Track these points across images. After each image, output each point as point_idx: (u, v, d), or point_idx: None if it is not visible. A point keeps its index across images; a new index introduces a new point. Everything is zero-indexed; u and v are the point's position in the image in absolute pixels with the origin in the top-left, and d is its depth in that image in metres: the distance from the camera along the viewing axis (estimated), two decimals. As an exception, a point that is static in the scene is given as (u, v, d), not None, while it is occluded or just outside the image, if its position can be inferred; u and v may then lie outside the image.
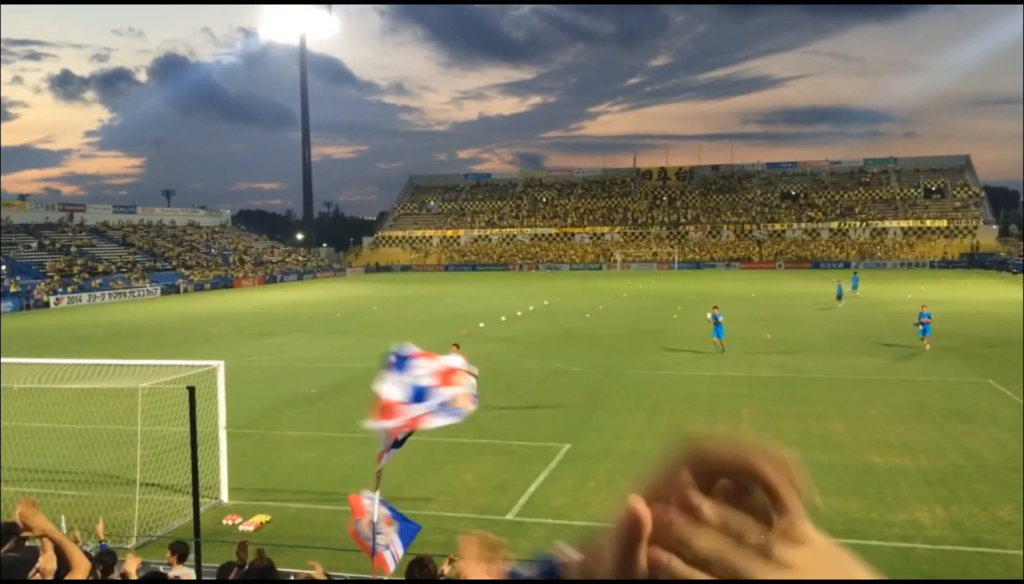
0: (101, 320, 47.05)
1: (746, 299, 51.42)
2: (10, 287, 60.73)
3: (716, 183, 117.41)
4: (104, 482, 14.58)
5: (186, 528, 11.72)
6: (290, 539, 11.73)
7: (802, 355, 28.17)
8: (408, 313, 46.21)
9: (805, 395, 21.63)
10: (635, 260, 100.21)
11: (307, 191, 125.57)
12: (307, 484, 14.74)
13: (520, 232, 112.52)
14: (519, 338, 34.02)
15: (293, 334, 37.34)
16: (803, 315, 41.36)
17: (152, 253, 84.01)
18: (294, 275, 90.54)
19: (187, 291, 73.02)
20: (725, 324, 29.60)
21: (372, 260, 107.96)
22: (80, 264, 72.19)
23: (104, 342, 34.94)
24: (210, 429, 13.44)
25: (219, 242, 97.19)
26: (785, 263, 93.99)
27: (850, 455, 15.90)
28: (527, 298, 53.92)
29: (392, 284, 77.06)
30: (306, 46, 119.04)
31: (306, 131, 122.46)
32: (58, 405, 18.31)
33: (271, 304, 56.13)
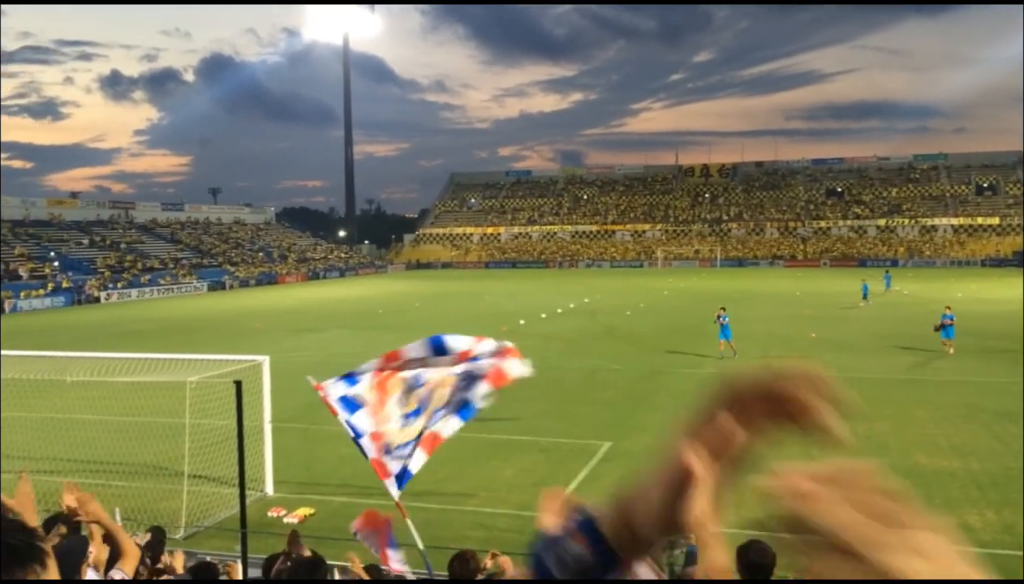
0: (150, 315, 48.07)
1: (790, 297, 50.75)
2: (62, 282, 62.35)
3: (759, 180, 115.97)
4: (153, 473, 14.92)
5: (232, 519, 11.94)
6: (333, 532, 11.87)
7: (847, 354, 27.72)
8: (449, 310, 46.44)
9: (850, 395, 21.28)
10: (676, 258, 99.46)
11: (349, 189, 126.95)
12: (349, 478, 14.91)
13: (561, 229, 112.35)
14: (559, 335, 33.99)
15: (335, 330, 37.76)
16: (849, 314, 40.69)
17: (199, 250, 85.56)
18: (336, 272, 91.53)
19: (232, 287, 74.26)
20: (757, 323, 29.23)
21: (413, 257, 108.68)
22: (130, 260, 73.83)
23: (153, 337, 35.70)
24: (255, 423, 13.67)
25: (263, 239, 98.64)
26: (830, 261, 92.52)
27: (896, 457, 15.63)
28: (567, 295, 53.84)
29: (433, 281, 77.49)
30: (349, 45, 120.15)
31: (349, 129, 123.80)
32: (109, 398, 18.78)
33: (314, 300, 56.82)
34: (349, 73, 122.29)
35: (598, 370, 25.76)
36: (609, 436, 17.44)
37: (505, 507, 13.10)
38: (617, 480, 12.16)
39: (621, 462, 15.51)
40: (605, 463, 15.62)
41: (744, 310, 43.51)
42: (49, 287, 60.41)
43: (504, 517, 12.67)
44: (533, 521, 9.00)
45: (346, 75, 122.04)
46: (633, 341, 32.37)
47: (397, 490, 6.52)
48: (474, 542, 9.98)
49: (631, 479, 0.92)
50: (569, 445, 17.04)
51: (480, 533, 11.42)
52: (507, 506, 13.15)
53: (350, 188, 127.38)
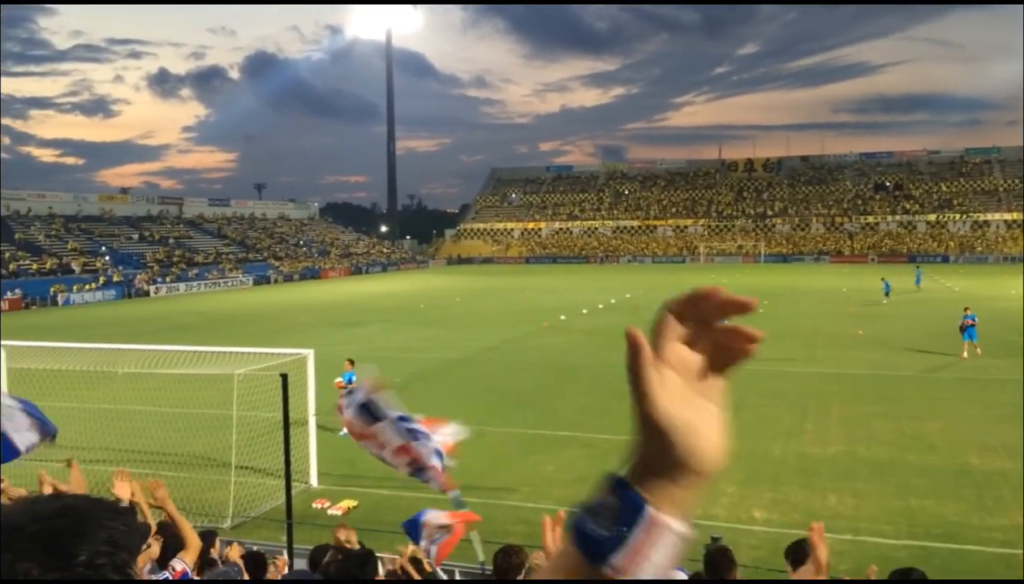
0: (197, 309, 48.98)
1: (836, 294, 49.92)
2: (113, 277, 63.79)
3: (805, 174, 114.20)
4: (201, 464, 15.20)
5: (278, 510, 12.13)
6: (376, 524, 11.98)
7: (896, 352, 27.19)
8: (489, 305, 46.55)
9: (898, 393, 20.90)
10: (719, 253, 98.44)
11: (391, 184, 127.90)
12: (391, 471, 14.98)
13: (602, 225, 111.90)
14: (600, 331, 33.87)
15: (378, 324, 38.08)
16: (897, 311, 39.90)
17: (244, 245, 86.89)
18: (378, 267, 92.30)
19: (277, 282, 75.30)
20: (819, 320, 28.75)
21: (454, 252, 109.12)
22: (178, 255, 75.26)
23: (200, 330, 36.36)
24: (300, 415, 13.84)
25: (307, 234, 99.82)
26: (878, 257, 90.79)
27: (946, 456, 15.30)
28: (608, 291, 53.61)
29: (473, 276, 77.72)
30: (391, 41, 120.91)
31: (391, 125, 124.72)
32: (159, 389, 19.20)
33: (356, 295, 57.37)
34: (392, 69, 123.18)
35: (640, 366, 25.60)
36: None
37: (547, 502, 13.08)
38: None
39: (663, 459, 15.41)
40: (647, 460, 15.53)
41: (788, 307, 42.89)
42: (100, 281, 61.85)
43: (546, 512, 12.67)
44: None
45: (389, 71, 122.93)
46: (675, 337, 32.08)
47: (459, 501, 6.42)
48: (517, 537, 9.99)
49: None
50: (611, 441, 16.97)
51: (522, 528, 11.43)
52: (549, 501, 13.14)
53: (392, 183, 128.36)
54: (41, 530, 0.92)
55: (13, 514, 0.93)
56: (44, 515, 0.93)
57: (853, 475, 14.41)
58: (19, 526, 0.91)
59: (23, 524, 0.92)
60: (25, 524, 0.92)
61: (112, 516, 0.98)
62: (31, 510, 0.94)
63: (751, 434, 16.26)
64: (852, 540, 11.38)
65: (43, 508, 0.95)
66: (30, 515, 0.93)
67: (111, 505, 1.00)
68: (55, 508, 0.95)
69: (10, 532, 0.91)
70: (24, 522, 0.92)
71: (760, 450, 15.42)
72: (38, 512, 0.94)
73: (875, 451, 15.92)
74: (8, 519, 0.93)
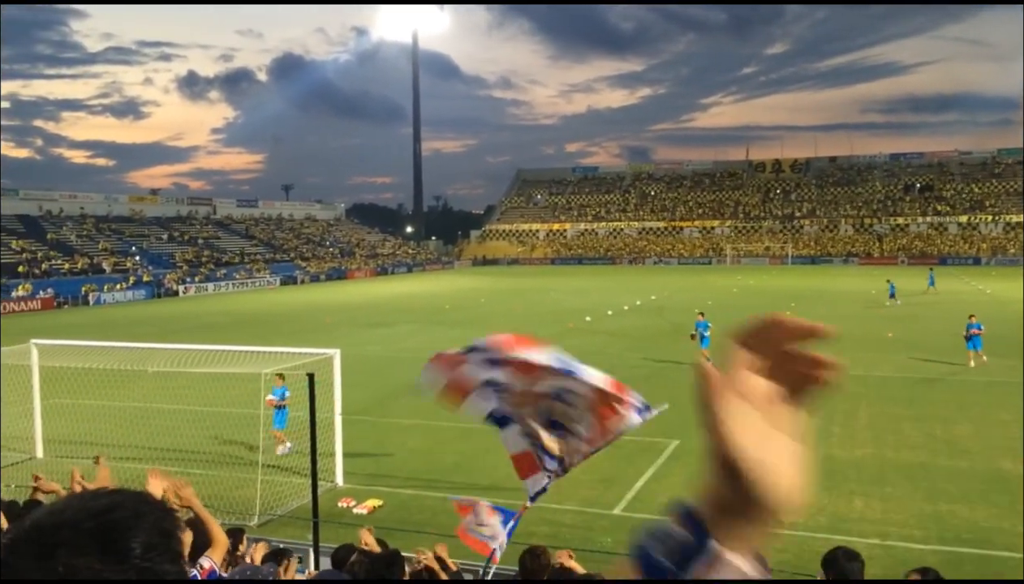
0: (225, 308, 49.48)
1: (865, 296, 49.36)
2: (143, 276, 64.65)
3: (834, 175, 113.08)
4: (229, 462, 15.35)
5: (304, 509, 12.21)
6: (401, 524, 12.03)
7: (926, 354, 26.83)
8: (514, 306, 46.57)
9: (928, 396, 20.63)
10: (746, 255, 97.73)
11: (417, 185, 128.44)
12: (417, 471, 15.09)
13: (627, 226, 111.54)
14: (626, 332, 33.77)
15: (403, 325, 38.24)
16: (928, 313, 39.37)
17: (272, 245, 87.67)
18: (404, 267, 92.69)
19: (304, 282, 75.87)
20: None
21: (479, 253, 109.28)
22: (206, 255, 76.10)
23: (228, 329, 36.72)
24: (326, 415, 13.93)
25: (334, 235, 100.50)
26: (908, 259, 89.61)
27: (978, 461, 15.07)
28: (634, 292, 53.43)
29: (499, 277, 77.81)
30: (418, 43, 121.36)
31: (417, 127, 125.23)
32: (187, 388, 19.41)
33: (382, 295, 57.66)
34: (418, 70, 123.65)
35: (665, 367, 25.50)
36: (676, 434, 17.22)
37: (571, 503, 13.07)
38: (685, 479, 11.92)
39: (688, 461, 15.32)
40: (672, 461, 15.46)
41: (816, 308, 42.49)
42: (131, 281, 62.70)
43: (570, 513, 12.66)
44: (599, 518, 8.98)
45: (415, 72, 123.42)
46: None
47: (531, 500, 6.00)
48: (540, 538, 9.99)
49: None
50: (635, 442, 16.89)
51: (546, 528, 11.43)
52: (573, 502, 13.12)
53: (418, 184, 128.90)
54: (98, 525, 0.93)
55: (68, 510, 0.94)
56: (98, 510, 0.95)
57: (881, 479, 14.24)
58: (76, 522, 0.93)
59: (79, 520, 0.93)
60: (81, 520, 0.93)
61: (159, 509, 1.00)
62: (85, 506, 0.95)
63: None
64: (880, 545, 11.25)
65: (96, 503, 0.96)
66: (84, 511, 0.94)
67: (156, 499, 1.02)
68: (107, 503, 0.96)
69: (68, 528, 0.92)
70: (80, 518, 0.93)
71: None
72: (91, 507, 0.95)
73: (904, 455, 15.73)
74: (63, 516, 0.93)
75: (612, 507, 13.04)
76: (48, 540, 0.91)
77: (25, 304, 52.67)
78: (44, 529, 0.92)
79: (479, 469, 14.36)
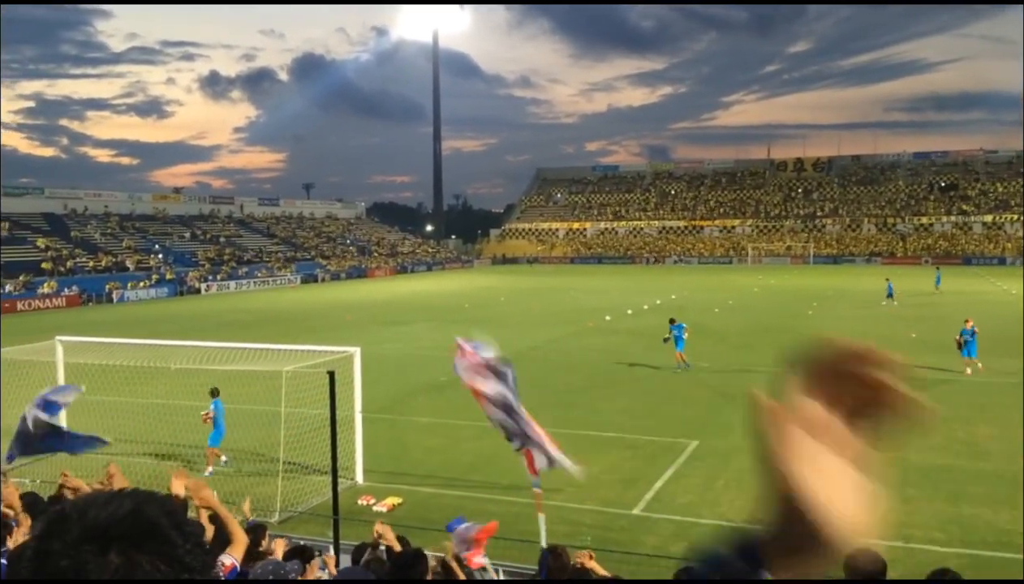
0: (247, 306, 49.84)
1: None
2: (166, 274, 65.24)
3: (857, 174, 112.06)
4: (250, 459, 15.49)
5: (324, 506, 12.29)
6: (420, 522, 12.08)
7: (949, 355, 26.50)
8: (534, 305, 46.56)
9: (950, 398, 20.40)
10: (767, 254, 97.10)
11: (437, 184, 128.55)
12: (436, 469, 15.14)
13: (647, 225, 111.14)
14: (646, 332, 33.65)
15: (423, 323, 38.33)
16: (952, 313, 38.91)
17: (293, 243, 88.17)
18: (424, 266, 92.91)
19: (324, 280, 76.25)
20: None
21: (499, 252, 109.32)
22: (228, 253, 76.67)
23: (249, 327, 36.98)
24: (346, 413, 14.01)
25: (354, 233, 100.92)
26: (932, 258, 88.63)
27: (1000, 463, 14.90)
28: (654, 292, 53.25)
29: (518, 276, 77.80)
30: (438, 42, 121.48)
31: (437, 125, 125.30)
32: (209, 385, 19.56)
33: (402, 294, 57.83)
34: (438, 70, 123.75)
35: (684, 367, 25.39)
36: (696, 434, 17.19)
37: (591, 503, 13.07)
38: (705, 480, 11.86)
39: (709, 461, 15.26)
40: (693, 461, 15.41)
41: (838, 308, 42.17)
42: (154, 279, 63.31)
43: (590, 513, 12.65)
44: (618, 518, 9.00)
45: (435, 72, 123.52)
46: (721, 339, 31.78)
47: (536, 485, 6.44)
48: (560, 537, 10.00)
49: None
50: (655, 442, 16.87)
51: (566, 528, 11.43)
52: (593, 502, 13.12)
53: (438, 183, 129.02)
54: (137, 520, 0.95)
55: (110, 505, 0.97)
56: (130, 510, 0.97)
57: (903, 481, 14.10)
58: (118, 517, 0.95)
59: (121, 515, 0.95)
60: (123, 515, 0.95)
61: (176, 505, 1.03)
62: (118, 504, 0.97)
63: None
64: (903, 547, 11.15)
65: (126, 500, 0.98)
66: (120, 506, 0.97)
67: (166, 495, 1.05)
68: (144, 498, 0.99)
69: (113, 523, 0.94)
70: (122, 513, 0.96)
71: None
72: (126, 504, 0.97)
73: (926, 457, 15.57)
74: (104, 511, 0.96)
75: (631, 507, 13.01)
76: (101, 535, 0.93)
77: (50, 301, 53.34)
78: (94, 526, 0.94)
79: (497, 467, 14.38)
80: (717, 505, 12.79)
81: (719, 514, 12.30)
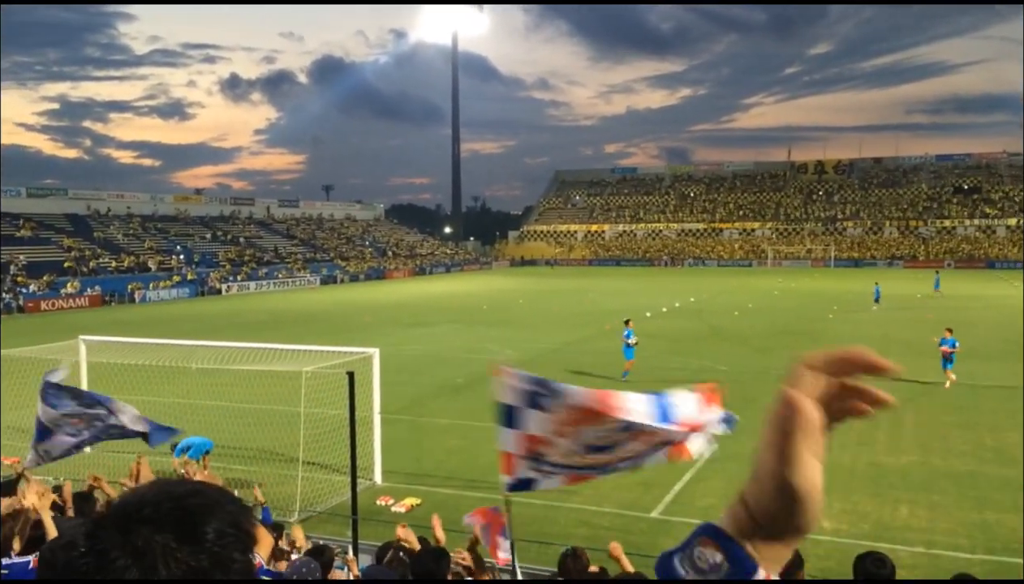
0: (266, 307, 50.14)
1: (911, 299, 48.44)
2: (187, 275, 65.76)
3: (878, 177, 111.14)
4: (269, 459, 15.55)
5: (343, 506, 12.32)
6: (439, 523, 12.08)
7: (974, 361, 26.19)
8: (552, 307, 46.50)
9: (976, 403, 20.16)
10: (787, 257, 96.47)
11: (456, 186, 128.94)
12: (455, 471, 15.14)
13: (666, 227, 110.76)
14: (664, 334, 33.53)
15: (441, 325, 38.39)
16: (976, 318, 38.47)
17: (312, 245, 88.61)
18: (442, 267, 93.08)
19: (343, 281, 76.57)
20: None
21: (517, 254, 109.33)
22: (248, 254, 77.17)
23: (269, 328, 37.19)
24: (365, 413, 14.03)
25: (373, 235, 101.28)
26: (955, 262, 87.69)
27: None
28: (672, 294, 53.04)
29: (536, 278, 77.75)
30: (457, 45, 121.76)
31: (456, 127, 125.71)
32: (229, 385, 19.70)
33: (420, 295, 57.95)
34: (457, 72, 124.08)
35: (703, 370, 25.24)
36: (716, 438, 17.05)
37: (609, 506, 13.02)
38: (725, 483, 11.77)
39: (729, 464, 15.14)
40: (712, 464, 15.29)
41: (859, 312, 41.80)
42: (175, 279, 63.84)
43: (608, 515, 12.60)
44: (637, 520, 8.92)
45: (455, 74, 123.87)
46: (741, 342, 31.59)
47: (508, 490, 6.08)
48: (578, 539, 9.96)
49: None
50: (674, 446, 16.76)
51: (584, 530, 11.39)
52: (611, 504, 13.07)
53: (456, 185, 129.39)
54: (175, 507, 1.00)
55: (150, 492, 1.02)
56: (178, 495, 1.02)
57: (928, 486, 13.96)
58: (156, 502, 1.00)
59: (160, 500, 1.00)
60: (161, 501, 1.00)
61: (234, 502, 1.07)
62: (166, 490, 1.03)
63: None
64: (926, 554, 11.02)
65: (176, 489, 1.04)
66: (165, 494, 1.02)
67: (233, 495, 1.07)
68: (187, 489, 1.04)
69: (150, 507, 0.99)
70: (160, 499, 1.00)
71: (829, 459, 14.66)
72: (172, 492, 1.03)
73: (951, 462, 15.40)
74: (146, 496, 1.01)
75: (650, 510, 12.95)
76: (132, 516, 0.98)
77: (74, 301, 53.92)
78: (128, 506, 1.00)
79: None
80: (737, 509, 12.67)
81: (739, 518, 12.19)
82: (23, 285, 53.97)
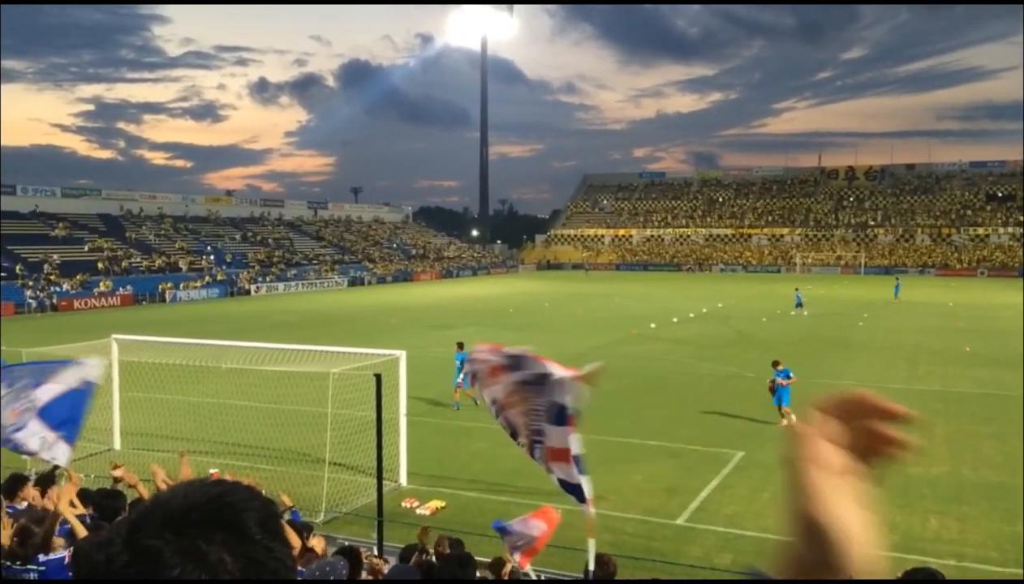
0: (295, 308, 50.55)
1: (942, 308, 47.75)
2: (217, 275, 66.50)
3: (910, 183, 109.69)
4: (296, 459, 15.68)
5: (369, 507, 12.39)
6: (463, 526, 12.11)
7: (1006, 370, 25.79)
8: (578, 311, 46.43)
9: (1008, 413, 19.83)
10: (817, 263, 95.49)
11: (483, 189, 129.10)
12: (479, 474, 15.18)
13: (694, 232, 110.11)
14: (691, 340, 33.36)
15: (467, 327, 38.45)
16: (1009, 327, 37.85)
17: (340, 247, 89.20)
18: (469, 270, 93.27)
19: (371, 283, 77.00)
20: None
21: (544, 257, 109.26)
22: (278, 256, 77.86)
23: (297, 329, 37.51)
24: (391, 415, 14.11)
25: (400, 237, 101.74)
26: (988, 271, 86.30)
27: (1062, 483, 14.42)
28: (700, 299, 52.73)
29: (563, 282, 77.65)
30: (486, 48, 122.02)
31: (484, 131, 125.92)
32: (258, 385, 19.90)
33: (447, 298, 58.12)
34: (486, 76, 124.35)
35: (730, 377, 25.09)
36: (742, 445, 16.97)
37: (634, 512, 12.98)
38: (750, 491, 11.66)
39: (755, 472, 15.05)
40: (738, 472, 15.21)
41: (889, 320, 41.30)
42: (206, 279, 64.58)
43: (632, 522, 12.56)
44: (661, 527, 8.94)
45: (483, 77, 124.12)
46: (768, 348, 31.29)
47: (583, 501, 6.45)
48: (602, 546, 9.93)
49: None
50: (700, 452, 16.70)
51: (608, 537, 11.36)
52: (636, 511, 13.03)
53: (484, 188, 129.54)
54: (218, 508, 0.98)
55: (189, 494, 1.00)
56: (215, 495, 1.00)
57: (958, 498, 13.76)
58: (196, 505, 0.98)
59: (199, 503, 0.98)
60: (201, 504, 0.98)
61: (263, 497, 1.05)
62: (202, 490, 1.00)
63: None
64: (956, 566, 10.86)
65: (212, 489, 1.01)
66: (204, 494, 1.00)
67: (257, 490, 1.07)
68: (222, 490, 1.01)
69: (197, 510, 0.97)
70: (202, 500, 0.98)
71: (857, 468, 14.87)
72: (209, 492, 1.00)
73: (983, 473, 15.17)
74: (188, 499, 0.99)
75: (675, 517, 12.89)
76: (180, 519, 0.96)
77: (106, 300, 54.74)
78: (174, 510, 0.98)
79: (541, 473, 14.33)
80: (762, 517, 12.59)
81: (763, 526, 12.11)
82: (56, 284, 54.91)
